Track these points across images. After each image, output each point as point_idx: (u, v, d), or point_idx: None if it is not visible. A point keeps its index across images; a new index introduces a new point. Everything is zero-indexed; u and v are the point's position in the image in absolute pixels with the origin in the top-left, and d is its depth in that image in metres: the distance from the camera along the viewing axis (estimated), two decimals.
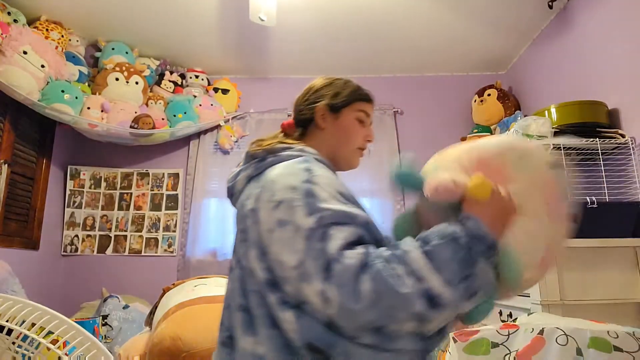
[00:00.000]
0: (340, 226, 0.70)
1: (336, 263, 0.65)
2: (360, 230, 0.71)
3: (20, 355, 1.17)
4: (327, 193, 0.74)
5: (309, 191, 0.74)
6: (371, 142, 0.99)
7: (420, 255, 0.64)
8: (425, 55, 2.93)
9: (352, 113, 0.97)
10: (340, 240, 0.67)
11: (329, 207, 0.71)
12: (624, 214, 1.66)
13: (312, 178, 0.76)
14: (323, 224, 0.70)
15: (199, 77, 3.06)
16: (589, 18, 2.12)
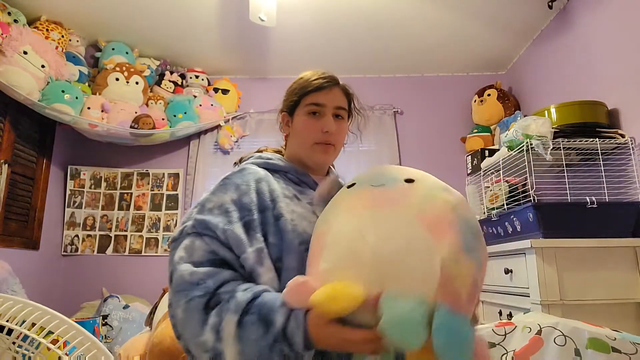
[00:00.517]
0: (194, 237, 0.77)
1: (174, 273, 0.74)
2: (215, 243, 0.75)
3: (20, 355, 1.17)
4: (213, 203, 0.80)
5: (202, 202, 0.82)
6: (330, 132, 0.92)
7: (235, 322, 0.66)
8: (425, 55, 2.93)
9: (302, 110, 0.94)
10: (183, 252, 0.76)
11: (198, 217, 0.78)
12: (624, 214, 1.66)
13: (215, 189, 0.84)
14: (186, 232, 0.78)
15: (199, 77, 3.06)
16: (589, 18, 2.12)
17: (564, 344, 1.01)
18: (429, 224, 0.62)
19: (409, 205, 0.65)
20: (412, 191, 0.68)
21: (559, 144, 1.78)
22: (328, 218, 0.71)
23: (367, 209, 0.67)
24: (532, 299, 1.54)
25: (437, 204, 0.66)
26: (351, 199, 0.72)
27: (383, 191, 0.69)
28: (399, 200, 0.66)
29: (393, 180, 0.71)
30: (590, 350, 0.98)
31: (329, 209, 0.74)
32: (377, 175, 0.73)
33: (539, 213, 1.63)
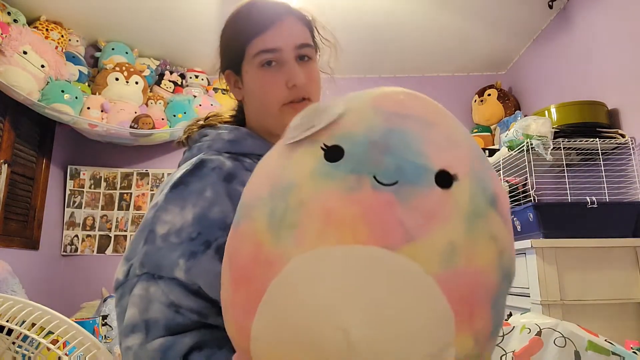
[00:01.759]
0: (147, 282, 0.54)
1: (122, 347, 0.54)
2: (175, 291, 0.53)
3: (20, 355, 1.17)
4: (168, 226, 0.55)
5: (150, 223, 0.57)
6: (299, 85, 0.65)
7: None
8: (425, 55, 2.93)
9: (251, 63, 0.66)
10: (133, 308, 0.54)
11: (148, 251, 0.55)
12: (624, 214, 1.66)
13: (167, 200, 0.57)
14: (134, 274, 0.55)
15: (199, 77, 3.06)
16: (589, 18, 2.12)
17: (563, 345, 1.01)
18: (456, 295, 0.34)
19: (434, 250, 0.34)
20: (444, 211, 0.35)
21: (559, 144, 1.78)
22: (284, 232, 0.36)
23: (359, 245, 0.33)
24: (532, 299, 1.54)
25: (478, 250, 0.35)
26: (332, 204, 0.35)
27: (392, 202, 0.34)
28: (416, 232, 0.34)
29: (416, 170, 0.35)
30: (590, 352, 0.98)
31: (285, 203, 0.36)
32: (389, 146, 0.36)
33: (539, 213, 1.63)
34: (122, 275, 0.57)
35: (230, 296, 0.39)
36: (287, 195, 0.36)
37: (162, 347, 0.50)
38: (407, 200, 0.34)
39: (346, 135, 0.37)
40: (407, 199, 0.34)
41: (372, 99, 0.40)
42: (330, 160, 0.36)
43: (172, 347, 0.50)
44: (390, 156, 0.35)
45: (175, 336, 0.51)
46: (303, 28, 0.69)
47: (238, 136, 0.67)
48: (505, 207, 0.40)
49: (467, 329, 0.35)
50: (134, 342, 0.52)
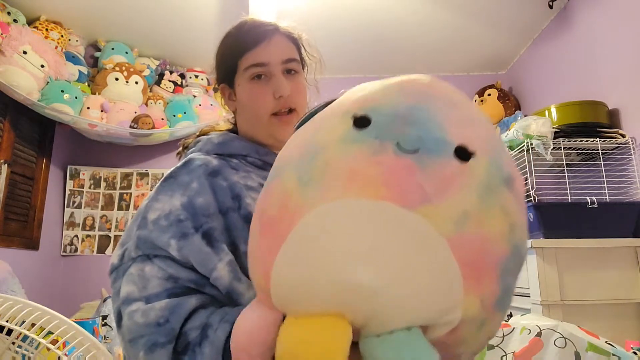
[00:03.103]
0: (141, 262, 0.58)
1: (123, 317, 0.56)
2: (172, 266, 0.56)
3: (20, 355, 1.17)
4: (158, 212, 0.60)
5: (143, 212, 0.62)
6: (285, 96, 0.71)
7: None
8: (426, 55, 2.93)
9: (243, 76, 0.73)
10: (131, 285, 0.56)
11: (141, 234, 0.59)
12: (624, 214, 1.66)
13: (157, 192, 0.63)
14: (129, 257, 0.59)
15: (199, 77, 3.05)
16: (589, 18, 2.12)
17: (564, 346, 1.01)
18: (466, 258, 0.36)
19: (447, 214, 0.36)
20: (461, 181, 0.37)
21: (560, 143, 1.78)
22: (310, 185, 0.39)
23: (376, 200, 0.36)
24: (533, 299, 1.54)
25: (490, 220, 0.38)
26: (355, 164, 0.38)
27: (411, 167, 0.37)
28: (432, 196, 0.36)
29: (435, 142, 0.38)
30: (590, 353, 0.98)
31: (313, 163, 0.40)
32: (412, 119, 0.39)
33: (540, 213, 1.63)
34: (117, 259, 0.61)
35: (257, 242, 0.43)
36: (315, 156, 0.40)
37: (169, 305, 0.53)
38: (426, 167, 0.37)
39: (374, 108, 0.41)
40: (427, 165, 0.37)
41: (399, 80, 0.44)
42: (358, 128, 0.40)
43: (180, 304, 0.53)
44: (413, 127, 0.39)
45: (180, 297, 0.54)
46: (290, 45, 0.75)
47: (226, 139, 0.74)
48: (520, 189, 0.41)
49: (474, 292, 0.37)
50: (138, 306, 0.54)
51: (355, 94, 0.44)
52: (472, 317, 0.38)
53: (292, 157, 0.43)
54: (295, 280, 0.39)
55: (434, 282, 0.36)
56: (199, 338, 0.51)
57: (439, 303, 0.37)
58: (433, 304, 0.37)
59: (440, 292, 0.36)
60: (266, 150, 0.74)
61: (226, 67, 0.75)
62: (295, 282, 0.39)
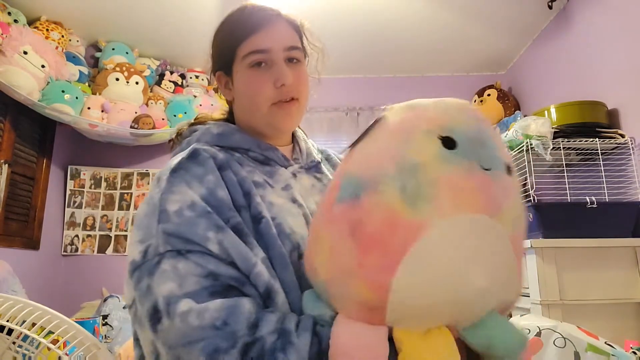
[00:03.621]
0: (173, 258, 0.52)
1: (167, 317, 0.49)
2: (211, 261, 0.52)
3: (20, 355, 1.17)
4: (179, 203, 0.55)
5: (158, 204, 0.56)
6: (287, 85, 0.67)
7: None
8: (425, 55, 2.93)
9: (242, 64, 0.68)
10: (169, 282, 0.50)
11: (167, 228, 0.53)
12: (623, 214, 1.66)
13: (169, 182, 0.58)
14: (156, 253, 0.53)
15: (199, 77, 3.06)
16: (589, 18, 2.12)
17: (563, 346, 1.01)
18: (516, 249, 0.47)
19: (509, 217, 0.46)
20: (512, 190, 0.48)
21: (559, 144, 1.78)
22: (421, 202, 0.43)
23: (478, 214, 0.44)
24: (532, 299, 1.54)
25: (522, 219, 0.50)
26: (460, 182, 0.44)
27: (492, 182, 0.45)
28: (502, 204, 0.46)
29: (498, 161, 0.47)
30: (590, 353, 0.98)
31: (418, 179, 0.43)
32: (484, 141, 0.47)
33: (539, 213, 1.63)
34: (140, 256, 0.54)
35: (357, 260, 0.44)
36: (416, 172, 0.44)
37: (225, 305, 0.48)
38: (497, 182, 0.46)
39: (453, 129, 0.46)
40: (497, 180, 0.46)
41: (457, 103, 0.50)
42: (448, 148, 0.45)
43: (237, 305, 0.49)
44: (485, 149, 0.46)
45: (234, 298, 0.50)
46: (292, 32, 0.71)
47: (226, 130, 0.70)
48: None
49: (520, 275, 0.49)
50: (190, 306, 0.48)
51: (424, 116, 0.48)
52: (518, 294, 0.50)
53: (386, 171, 0.45)
54: (420, 293, 0.43)
55: (511, 275, 0.47)
56: (281, 344, 0.46)
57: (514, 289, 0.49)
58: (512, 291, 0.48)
59: (514, 281, 0.48)
60: (267, 145, 0.70)
61: (224, 53, 0.71)
62: (421, 295, 0.43)
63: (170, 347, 0.48)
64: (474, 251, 0.44)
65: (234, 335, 0.46)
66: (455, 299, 0.43)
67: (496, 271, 0.45)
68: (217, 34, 0.73)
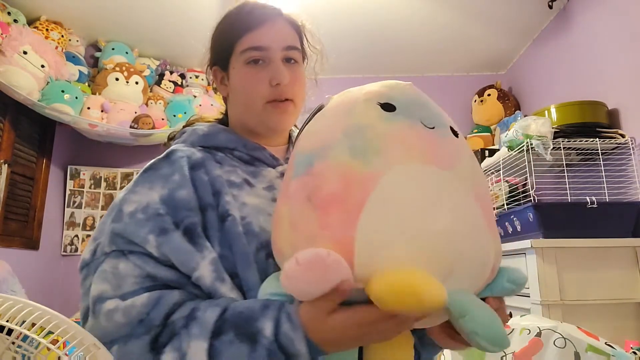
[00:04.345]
0: (115, 258, 0.53)
1: (96, 316, 0.51)
2: (149, 263, 0.53)
3: (20, 355, 1.17)
4: (135, 205, 0.56)
5: (118, 205, 0.58)
6: (282, 84, 0.66)
7: (205, 350, 0.45)
8: (425, 55, 2.93)
9: (238, 59, 0.68)
10: (104, 283, 0.52)
11: (115, 228, 0.55)
12: (624, 214, 1.66)
13: (135, 184, 0.60)
14: (102, 252, 0.55)
15: (199, 77, 3.06)
16: (589, 18, 2.12)
17: (563, 346, 1.01)
18: (481, 205, 0.48)
19: (466, 174, 0.48)
20: (464, 150, 0.50)
21: (559, 144, 1.78)
22: (371, 156, 0.44)
23: (429, 165, 0.45)
24: (532, 299, 1.54)
25: (481, 178, 0.51)
26: (405, 135, 0.46)
27: (439, 139, 0.48)
28: (455, 160, 0.47)
29: (442, 123, 0.50)
30: (590, 353, 0.98)
31: (365, 137, 0.46)
32: (423, 105, 0.51)
33: (539, 213, 1.63)
34: (89, 254, 0.57)
35: (318, 223, 0.43)
36: (362, 132, 0.46)
37: (150, 299, 0.50)
38: (444, 139, 0.49)
39: (392, 97, 0.50)
40: (445, 138, 0.49)
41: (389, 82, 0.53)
42: (388, 111, 0.48)
43: (162, 297, 0.50)
44: (427, 110, 0.50)
45: (162, 290, 0.51)
46: (292, 32, 0.70)
47: (212, 130, 0.70)
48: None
49: (491, 229, 0.48)
50: (116, 304, 0.50)
51: (362, 91, 0.51)
52: (496, 250, 0.49)
53: (331, 140, 0.47)
54: (384, 241, 0.42)
55: (475, 227, 0.46)
56: (185, 323, 0.48)
57: (483, 241, 0.47)
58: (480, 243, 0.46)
59: (480, 232, 0.47)
60: (254, 145, 0.69)
61: (221, 48, 0.71)
62: (385, 243, 0.42)
63: (104, 344, 0.49)
64: (431, 195, 0.44)
65: (150, 323, 0.48)
66: (420, 244, 0.42)
67: (458, 219, 0.44)
68: (216, 28, 0.74)
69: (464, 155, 0.49)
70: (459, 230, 0.44)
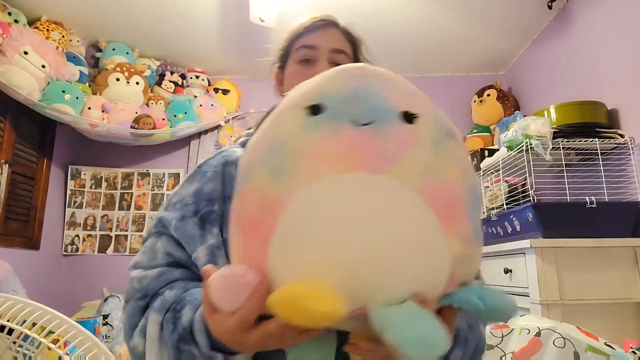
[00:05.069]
0: (156, 237, 0.66)
1: (129, 279, 0.65)
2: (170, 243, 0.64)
3: (21, 354, 1.18)
4: (178, 197, 0.68)
5: (170, 197, 0.71)
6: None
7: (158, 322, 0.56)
8: (425, 55, 2.93)
9: (293, 58, 0.76)
10: (142, 255, 0.65)
11: (160, 214, 0.67)
12: (623, 214, 1.66)
13: (185, 180, 0.71)
14: (149, 233, 0.68)
15: (200, 77, 3.06)
16: (589, 18, 2.12)
17: (563, 346, 1.01)
18: (437, 204, 0.41)
19: (412, 169, 0.41)
20: (413, 140, 0.43)
21: (559, 144, 1.78)
22: (284, 176, 0.42)
23: (351, 172, 0.41)
24: (532, 298, 1.54)
25: (446, 168, 0.43)
26: (322, 145, 0.42)
27: (372, 136, 0.42)
28: (396, 157, 0.41)
29: (384, 112, 0.43)
30: (589, 353, 0.98)
31: (282, 155, 0.43)
32: (359, 97, 0.44)
33: (539, 213, 1.63)
34: (146, 233, 0.70)
35: (242, 247, 0.44)
36: (282, 149, 0.43)
37: (158, 273, 0.61)
38: (384, 134, 0.42)
39: (322, 95, 0.44)
40: (384, 132, 0.42)
41: (335, 70, 0.47)
42: (314, 115, 0.43)
43: (163, 275, 0.61)
44: (362, 104, 0.43)
45: (169, 267, 0.63)
46: (344, 39, 0.79)
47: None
48: (461, 140, 0.47)
49: (452, 231, 0.42)
50: (139, 273, 0.63)
51: (299, 90, 0.47)
52: (459, 256, 0.42)
53: (257, 158, 0.44)
54: (294, 266, 0.40)
55: (418, 234, 0.40)
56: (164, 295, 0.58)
57: (428, 252, 0.41)
58: (423, 255, 0.40)
59: (426, 242, 0.41)
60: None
61: (282, 49, 0.79)
62: (295, 267, 0.40)
63: (126, 301, 0.62)
64: (348, 211, 0.40)
65: (147, 293, 0.60)
66: (329, 268, 0.39)
67: (384, 231, 0.39)
68: (283, 35, 0.81)
69: (412, 146, 0.42)
70: (383, 244, 0.40)
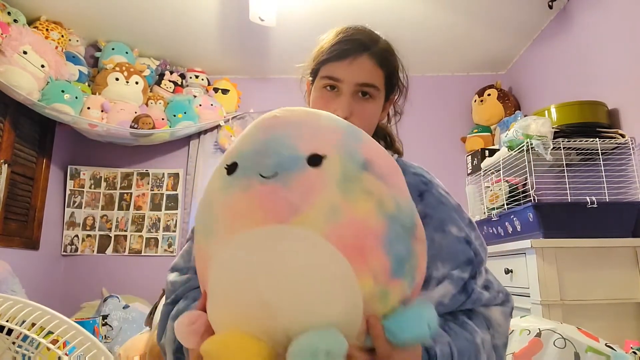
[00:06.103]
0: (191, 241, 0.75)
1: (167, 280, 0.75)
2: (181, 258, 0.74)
3: (20, 355, 1.17)
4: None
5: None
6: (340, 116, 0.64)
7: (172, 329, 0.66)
8: (425, 55, 2.93)
9: (318, 82, 0.74)
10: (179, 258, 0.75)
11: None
12: (623, 213, 1.66)
13: None
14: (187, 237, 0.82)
15: (199, 77, 3.06)
16: (589, 18, 2.12)
17: (563, 347, 1.01)
18: (345, 244, 0.42)
19: (317, 214, 0.42)
20: (319, 183, 0.43)
21: (559, 143, 1.78)
22: (210, 235, 0.48)
23: (260, 227, 0.43)
24: (533, 299, 1.54)
25: (354, 204, 0.43)
26: (235, 204, 0.45)
27: (277, 189, 0.43)
28: (300, 205, 0.42)
29: (290, 161, 0.44)
30: (590, 354, 0.98)
31: (209, 215, 0.48)
32: (266, 150, 0.46)
33: (539, 213, 1.63)
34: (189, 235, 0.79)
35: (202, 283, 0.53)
36: (208, 209, 0.48)
37: (185, 279, 0.70)
38: (288, 184, 0.43)
39: (239, 154, 0.48)
40: (288, 182, 0.43)
41: (255, 122, 0.51)
42: (230, 174, 0.47)
43: (192, 279, 0.69)
44: (268, 157, 0.45)
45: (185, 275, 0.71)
46: (376, 69, 0.73)
47: None
48: (382, 166, 0.47)
49: (364, 270, 0.42)
50: (174, 277, 0.72)
51: (230, 146, 0.52)
52: (371, 293, 0.43)
53: (198, 216, 0.52)
54: (217, 317, 0.46)
55: (327, 278, 0.42)
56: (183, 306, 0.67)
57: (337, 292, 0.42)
58: (335, 297, 0.42)
59: (337, 284, 0.42)
60: None
61: (312, 65, 0.76)
62: (217, 318, 0.46)
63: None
64: (256, 265, 0.43)
65: (177, 297, 0.69)
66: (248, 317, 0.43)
67: (297, 279, 0.42)
68: (319, 42, 0.77)
69: (317, 190, 0.43)
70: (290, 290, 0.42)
